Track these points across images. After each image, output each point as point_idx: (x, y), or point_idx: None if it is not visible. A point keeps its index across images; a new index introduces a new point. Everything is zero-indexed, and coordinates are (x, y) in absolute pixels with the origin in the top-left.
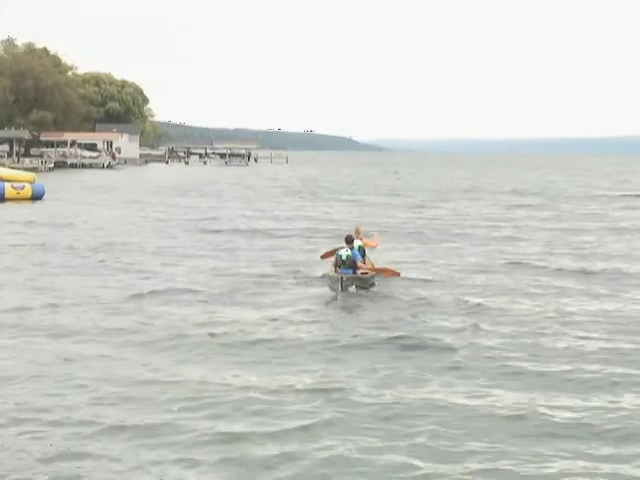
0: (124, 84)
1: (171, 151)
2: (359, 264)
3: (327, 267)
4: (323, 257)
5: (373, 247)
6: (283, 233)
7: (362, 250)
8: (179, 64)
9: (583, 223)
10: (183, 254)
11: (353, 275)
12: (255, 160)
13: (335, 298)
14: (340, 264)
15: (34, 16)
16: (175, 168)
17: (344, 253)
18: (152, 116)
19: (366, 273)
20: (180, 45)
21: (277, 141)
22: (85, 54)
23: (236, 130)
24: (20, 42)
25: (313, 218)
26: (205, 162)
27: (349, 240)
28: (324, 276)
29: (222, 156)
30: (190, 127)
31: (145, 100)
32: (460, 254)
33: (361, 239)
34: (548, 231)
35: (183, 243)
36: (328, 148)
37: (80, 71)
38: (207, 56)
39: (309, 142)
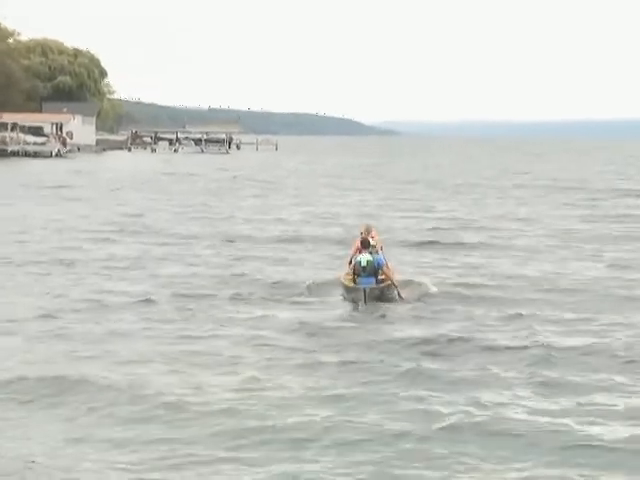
0: (77, 53)
1: (135, 136)
2: (384, 270)
3: (335, 275)
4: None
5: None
6: (256, 241)
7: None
8: (148, 26)
9: None
10: (132, 266)
11: (377, 286)
12: (237, 147)
13: (356, 310)
14: (359, 272)
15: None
16: (139, 157)
17: (364, 258)
18: (111, 93)
19: (388, 281)
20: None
21: (264, 124)
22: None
23: (213, 110)
24: None
25: (289, 222)
26: (176, 149)
27: (366, 244)
28: (342, 282)
29: (197, 142)
30: (158, 106)
31: (103, 73)
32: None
33: (373, 238)
34: None
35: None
36: (328, 132)
37: (24, 37)
38: (181, 20)
39: (304, 125)
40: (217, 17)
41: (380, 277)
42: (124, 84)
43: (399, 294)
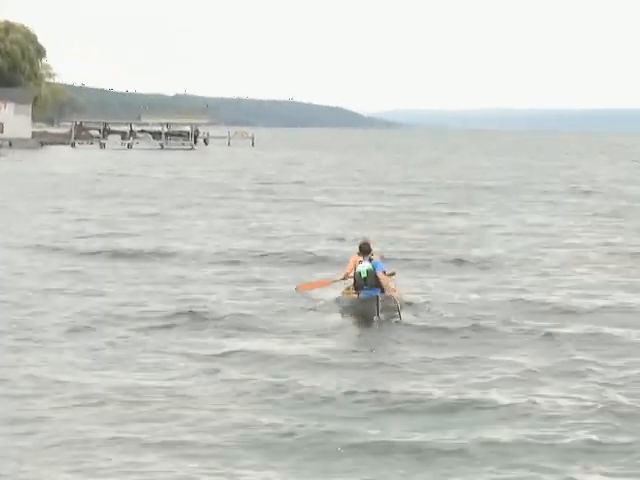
0: (8, 28)
1: (80, 129)
2: (379, 275)
3: (333, 291)
4: (303, 288)
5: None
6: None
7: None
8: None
9: None
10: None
11: (384, 295)
12: (205, 141)
13: (368, 328)
14: (361, 285)
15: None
16: (85, 154)
17: (363, 269)
18: (51, 76)
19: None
20: None
21: (239, 114)
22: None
23: (178, 97)
24: None
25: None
26: (130, 145)
27: (366, 250)
28: (337, 301)
29: (156, 136)
30: (109, 92)
31: (41, 52)
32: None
33: (372, 252)
34: None
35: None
36: (319, 123)
37: None
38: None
39: (288, 115)
40: None
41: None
42: (68, 67)
43: (399, 312)
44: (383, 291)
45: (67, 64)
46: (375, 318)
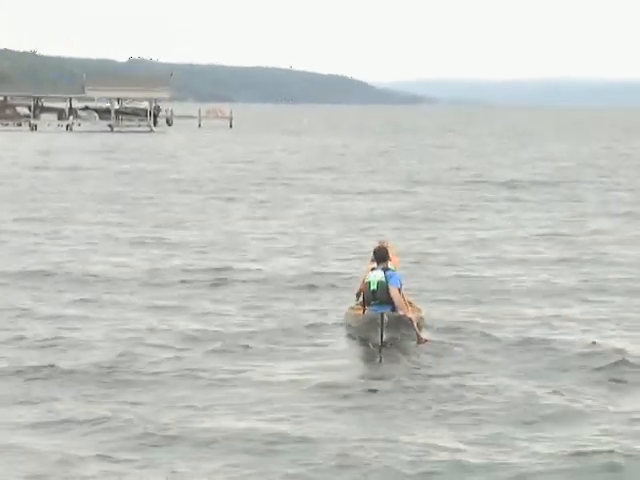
0: None
1: (2, 105)
2: (392, 291)
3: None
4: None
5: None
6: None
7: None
8: None
9: None
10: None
11: (394, 314)
12: (168, 121)
13: (376, 353)
14: (369, 298)
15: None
16: (8, 139)
17: (374, 279)
18: None
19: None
20: None
21: (212, 86)
22: None
23: (131, 64)
24: None
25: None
26: (69, 126)
27: (381, 256)
28: (344, 319)
29: (104, 114)
30: (41, 58)
31: None
32: None
33: (389, 259)
34: None
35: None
36: (321, 99)
37: None
38: None
39: (280, 89)
40: None
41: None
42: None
43: (418, 335)
44: (394, 309)
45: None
46: (379, 343)
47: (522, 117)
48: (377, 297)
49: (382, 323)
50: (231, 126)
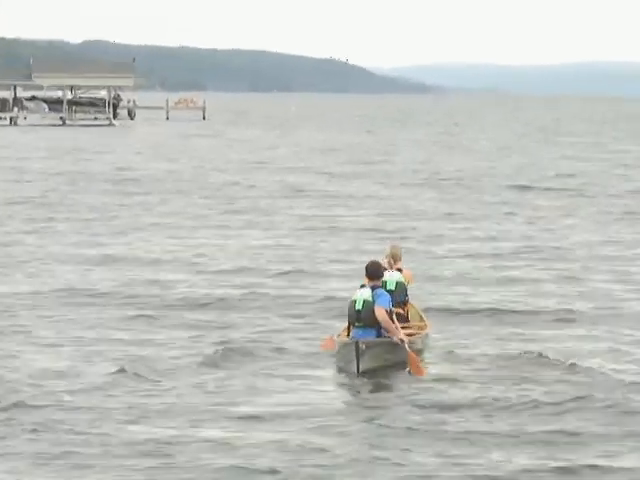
0: None
1: None
2: (378, 312)
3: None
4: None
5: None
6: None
7: (402, 289)
8: None
9: None
10: None
11: (376, 340)
12: (130, 113)
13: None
14: (353, 319)
15: None
16: None
17: (360, 297)
18: None
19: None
20: None
21: (182, 72)
22: None
23: (87, 46)
24: None
25: None
26: (13, 119)
27: (374, 272)
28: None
29: (53, 105)
30: None
31: None
32: None
33: (400, 270)
34: None
35: None
36: (313, 87)
37: None
38: None
39: (262, 74)
40: None
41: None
42: None
43: (412, 363)
44: (379, 334)
45: None
46: (356, 371)
47: (561, 109)
48: (362, 318)
49: (357, 351)
50: (204, 118)
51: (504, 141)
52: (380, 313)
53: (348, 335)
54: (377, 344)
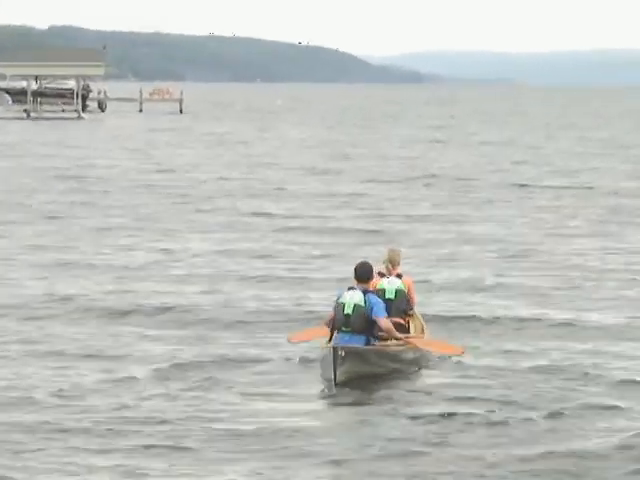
0: None
1: None
2: (382, 323)
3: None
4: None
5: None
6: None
7: (402, 297)
8: None
9: None
10: None
11: (361, 347)
12: (101, 105)
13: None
14: (340, 324)
15: None
16: None
17: (350, 300)
18: None
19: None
20: None
21: (157, 60)
22: None
23: (53, 32)
24: None
25: None
26: None
27: (364, 274)
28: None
29: (17, 96)
30: None
31: None
32: None
33: (400, 275)
34: None
35: None
36: (303, 76)
37: None
38: None
39: (246, 63)
40: None
41: (379, 333)
42: None
43: (448, 351)
44: (369, 341)
45: None
46: (332, 386)
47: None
48: (351, 324)
49: (335, 359)
50: (181, 111)
51: (503, 135)
52: (385, 324)
53: (331, 340)
54: (361, 352)
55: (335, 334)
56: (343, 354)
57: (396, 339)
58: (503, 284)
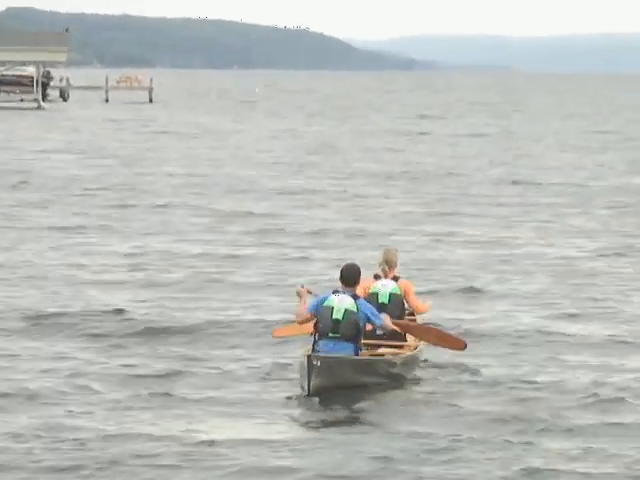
0: None
1: None
2: (385, 322)
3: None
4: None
5: (421, 312)
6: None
7: (397, 301)
8: None
9: None
10: None
11: (343, 357)
12: (62, 94)
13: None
14: (328, 329)
15: None
16: None
17: (339, 305)
18: None
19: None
20: None
21: (124, 44)
22: None
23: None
24: None
25: None
26: None
27: (351, 277)
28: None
29: None
30: None
31: None
32: None
33: (395, 278)
34: None
35: None
36: (284, 62)
37: None
38: None
39: (220, 47)
40: None
41: (371, 341)
42: None
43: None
44: (357, 351)
45: None
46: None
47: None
48: (340, 330)
49: (309, 368)
50: (151, 100)
51: (499, 126)
52: (387, 323)
53: (314, 348)
54: (341, 362)
55: (320, 341)
56: (319, 364)
57: (394, 330)
58: (495, 289)
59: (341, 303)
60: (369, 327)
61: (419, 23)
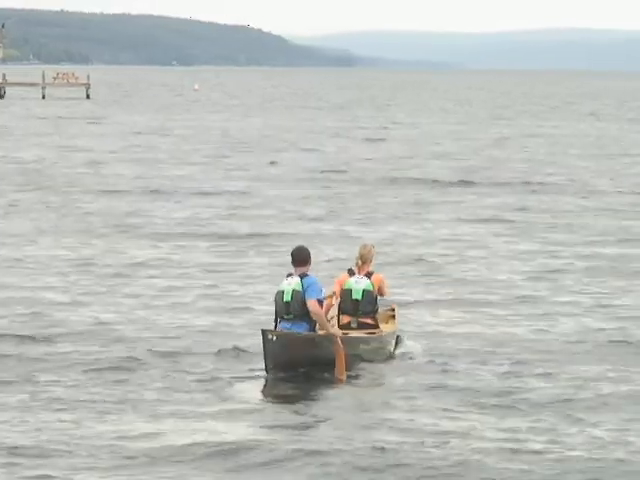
0: None
1: None
2: (310, 304)
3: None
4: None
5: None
6: None
7: (370, 298)
8: None
9: None
10: None
11: (301, 334)
12: None
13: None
14: (282, 312)
15: None
16: None
17: (288, 287)
18: None
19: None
20: None
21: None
22: None
23: None
24: None
25: None
26: None
27: (301, 258)
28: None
29: None
30: None
31: None
32: None
33: (370, 274)
34: None
35: None
36: (223, 59)
37: None
38: None
39: (155, 44)
40: None
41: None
42: None
43: (338, 366)
44: (313, 328)
45: None
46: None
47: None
48: (291, 310)
49: (265, 343)
50: (88, 97)
51: (430, 123)
52: (313, 306)
53: (275, 327)
54: (295, 338)
55: (279, 324)
56: (274, 339)
57: (321, 326)
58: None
59: (289, 285)
60: (345, 320)
61: (359, 18)
